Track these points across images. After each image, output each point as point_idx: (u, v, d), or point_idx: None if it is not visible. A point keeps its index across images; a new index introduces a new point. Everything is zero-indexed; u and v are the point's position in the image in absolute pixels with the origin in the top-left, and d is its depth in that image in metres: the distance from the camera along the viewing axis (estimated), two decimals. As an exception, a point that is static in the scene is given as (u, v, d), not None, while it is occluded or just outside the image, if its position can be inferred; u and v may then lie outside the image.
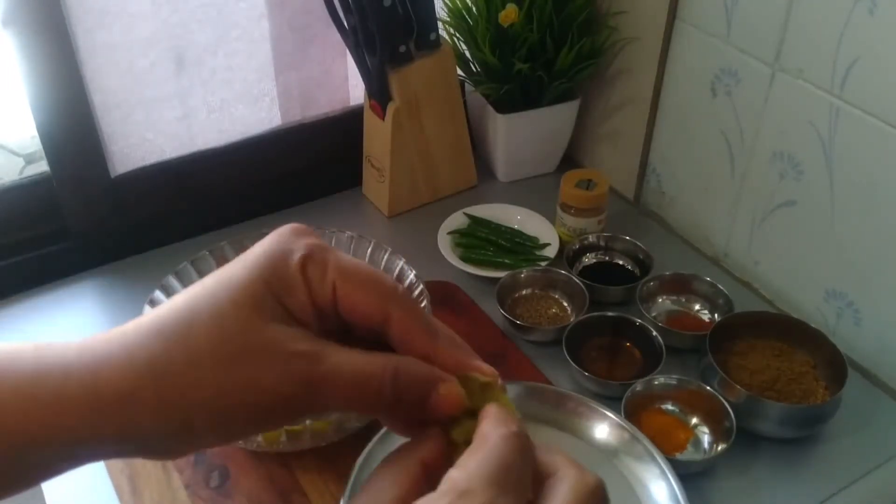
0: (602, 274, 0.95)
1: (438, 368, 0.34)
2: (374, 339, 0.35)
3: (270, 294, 0.33)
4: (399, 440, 0.36)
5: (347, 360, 0.33)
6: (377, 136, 1.04)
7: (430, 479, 0.32)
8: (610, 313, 0.87)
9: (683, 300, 0.92)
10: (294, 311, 0.33)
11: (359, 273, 0.34)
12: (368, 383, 0.33)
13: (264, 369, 0.32)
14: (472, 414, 0.34)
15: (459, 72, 1.06)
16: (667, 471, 0.67)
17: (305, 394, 0.32)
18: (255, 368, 0.32)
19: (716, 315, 0.90)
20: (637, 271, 0.96)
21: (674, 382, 0.79)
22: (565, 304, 0.92)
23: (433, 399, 0.34)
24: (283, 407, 0.33)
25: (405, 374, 0.33)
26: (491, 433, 0.32)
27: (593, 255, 0.98)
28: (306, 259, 0.34)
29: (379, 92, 0.99)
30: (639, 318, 0.85)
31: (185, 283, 0.80)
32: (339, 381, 0.32)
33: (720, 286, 0.90)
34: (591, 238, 0.98)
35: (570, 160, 1.17)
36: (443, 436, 0.34)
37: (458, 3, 1.04)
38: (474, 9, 1.04)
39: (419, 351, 0.34)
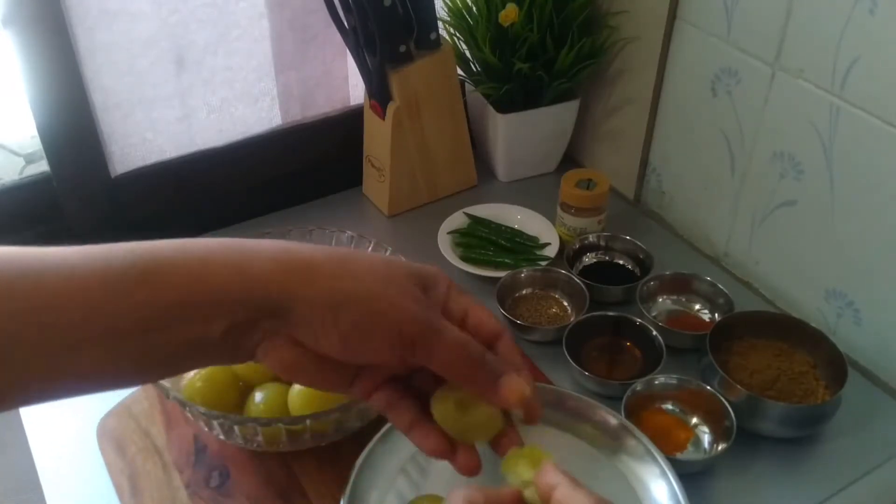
0: (602, 274, 0.95)
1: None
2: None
3: (426, 284, 0.47)
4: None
5: (457, 329, 0.46)
6: (377, 135, 1.04)
7: None
8: (610, 313, 0.87)
9: (683, 300, 0.92)
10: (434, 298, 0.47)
11: (484, 307, 0.50)
12: (468, 347, 0.45)
13: (407, 300, 0.44)
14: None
15: (460, 71, 1.06)
16: (667, 470, 0.67)
17: (423, 332, 0.44)
18: (402, 297, 0.44)
19: (716, 315, 0.90)
20: (637, 271, 0.96)
21: (674, 382, 0.79)
22: (565, 303, 0.92)
23: (505, 378, 0.46)
24: (402, 334, 0.43)
25: (493, 356, 0.47)
26: None
27: (593, 254, 0.98)
28: (452, 285, 0.49)
29: (379, 92, 0.99)
30: (639, 318, 0.85)
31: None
32: (451, 335, 0.45)
33: (720, 286, 0.90)
34: (592, 238, 0.98)
35: (570, 160, 1.17)
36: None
37: (459, 2, 1.04)
38: (474, 8, 1.04)
39: (515, 364, 0.48)
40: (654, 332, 0.83)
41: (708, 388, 0.77)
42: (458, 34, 1.07)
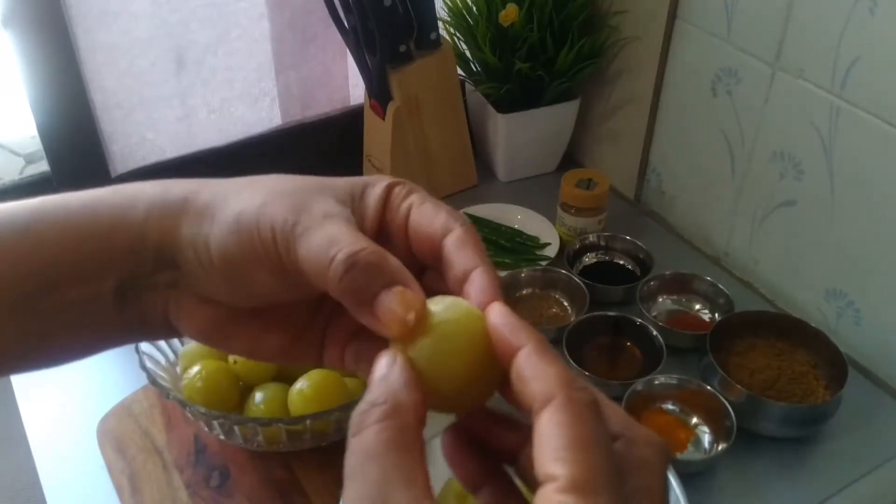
0: (602, 273, 0.95)
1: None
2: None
3: (354, 192, 0.37)
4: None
5: (340, 228, 0.33)
6: (377, 135, 1.04)
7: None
8: (610, 313, 0.87)
9: (684, 300, 0.92)
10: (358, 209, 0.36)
11: (438, 206, 0.35)
12: (332, 245, 0.32)
13: (277, 207, 0.35)
14: None
15: (460, 71, 1.06)
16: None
17: (285, 237, 0.33)
18: (274, 205, 0.35)
19: (716, 314, 0.90)
20: (637, 271, 0.96)
21: (674, 382, 0.79)
22: (566, 303, 0.92)
23: (384, 294, 0.31)
24: (264, 245, 0.34)
25: (363, 262, 0.31)
26: (580, 412, 0.27)
27: (594, 254, 0.98)
28: (404, 189, 0.36)
29: (379, 92, 0.99)
30: (639, 318, 0.85)
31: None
32: (318, 233, 0.33)
33: (720, 286, 0.90)
34: (592, 238, 0.98)
35: (570, 160, 1.17)
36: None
37: (459, 2, 1.04)
38: (474, 8, 1.04)
39: (466, 264, 0.33)
40: (655, 332, 0.83)
41: (708, 388, 0.77)
42: (458, 34, 1.07)
